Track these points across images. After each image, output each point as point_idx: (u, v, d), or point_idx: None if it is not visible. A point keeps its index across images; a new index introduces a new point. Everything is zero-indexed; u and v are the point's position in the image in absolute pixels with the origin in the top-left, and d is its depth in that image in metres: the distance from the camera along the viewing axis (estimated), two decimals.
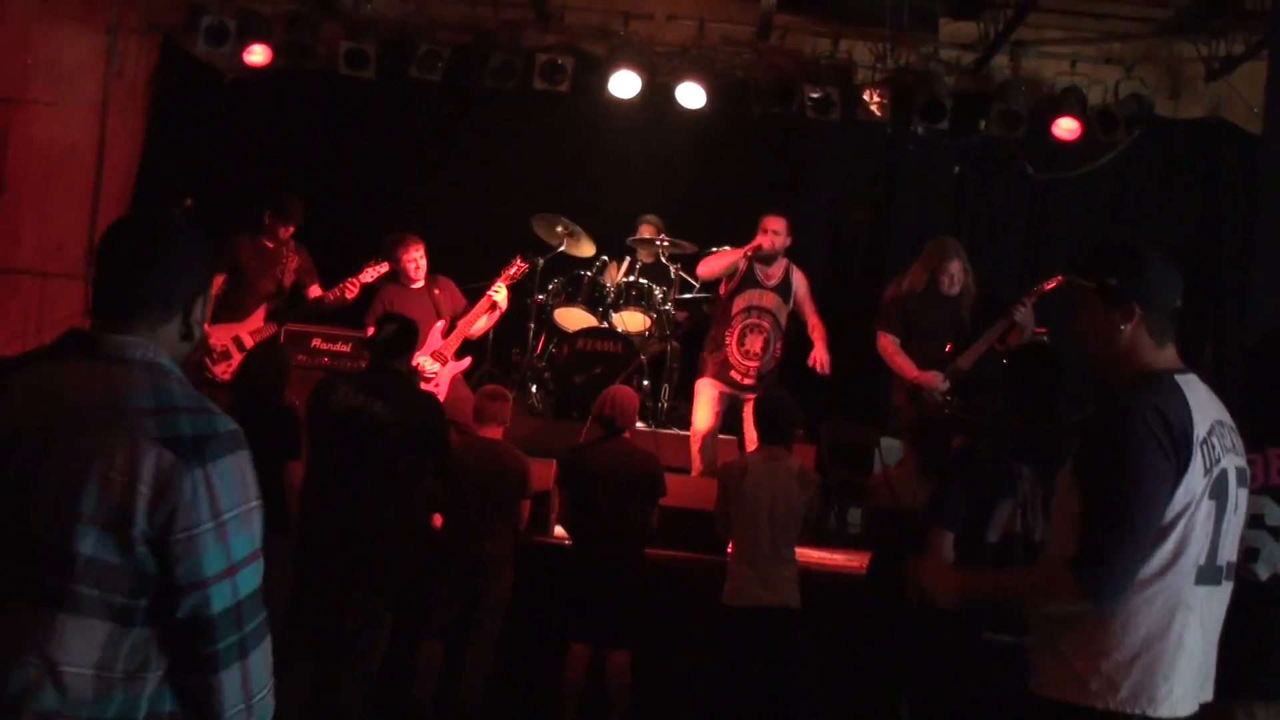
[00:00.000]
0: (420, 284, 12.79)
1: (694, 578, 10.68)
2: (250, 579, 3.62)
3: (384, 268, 12.92)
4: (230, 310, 12.95)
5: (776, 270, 12.58)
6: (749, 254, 12.41)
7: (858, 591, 9.80)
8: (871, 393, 13.76)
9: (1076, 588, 4.48)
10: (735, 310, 12.48)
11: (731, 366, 12.41)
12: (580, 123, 15.06)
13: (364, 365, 10.39)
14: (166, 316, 3.70)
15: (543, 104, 14.89)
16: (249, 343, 12.69)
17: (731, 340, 12.43)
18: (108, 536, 3.43)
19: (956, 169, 15.31)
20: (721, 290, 12.78)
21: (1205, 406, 4.64)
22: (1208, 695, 4.74)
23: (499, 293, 12.91)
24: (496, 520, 10.13)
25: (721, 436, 12.75)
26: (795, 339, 12.92)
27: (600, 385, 11.67)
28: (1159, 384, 4.61)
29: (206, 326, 12.74)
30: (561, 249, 14.07)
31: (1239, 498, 4.70)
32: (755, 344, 12.40)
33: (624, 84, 14.42)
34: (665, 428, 13.48)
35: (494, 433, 10.41)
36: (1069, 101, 14.25)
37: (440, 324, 12.78)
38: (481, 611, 10.07)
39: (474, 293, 13.19)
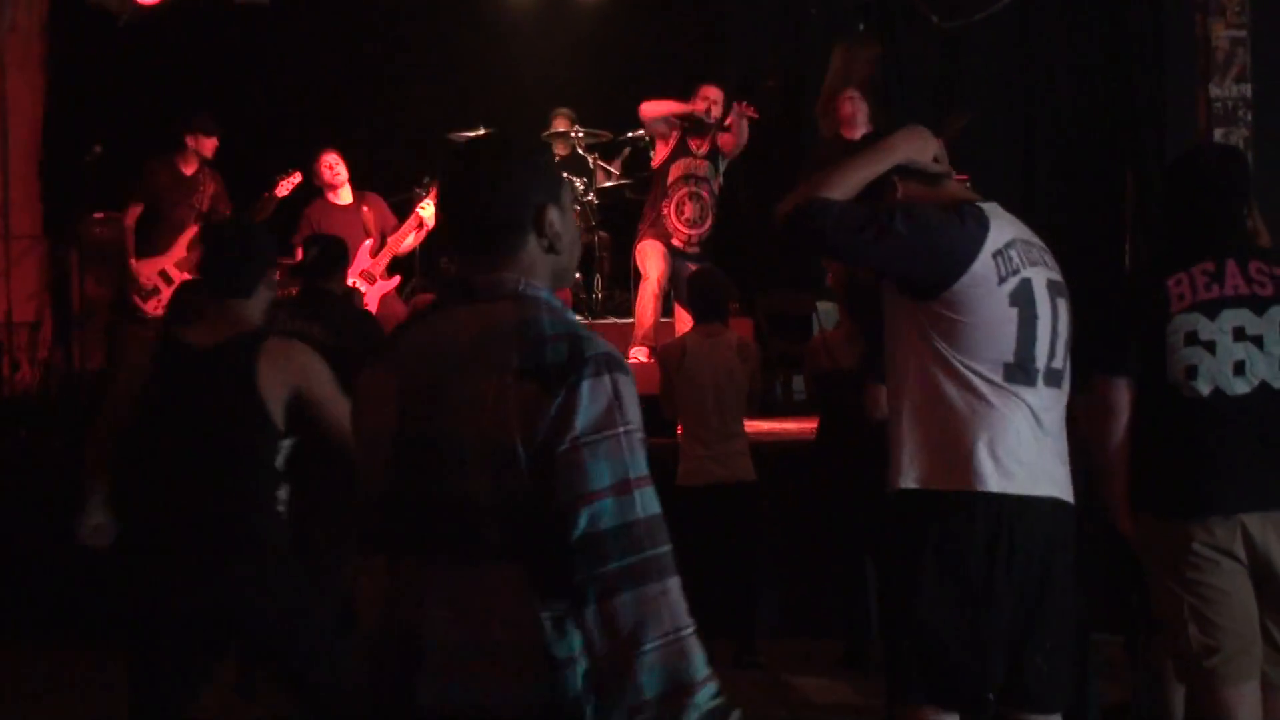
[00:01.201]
0: (347, 200, 12.78)
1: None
2: (644, 502, 3.33)
3: (296, 177, 12.92)
4: (151, 243, 12.93)
5: (705, 140, 12.60)
6: (687, 115, 12.45)
7: (810, 457, 9.86)
8: (803, 260, 13.77)
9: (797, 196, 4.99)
10: (670, 180, 12.51)
11: (671, 234, 12.43)
12: (484, 21, 15.02)
13: (294, 291, 10.32)
14: (522, 237, 3.60)
15: (443, 6, 14.83)
16: (175, 275, 12.65)
17: (669, 210, 12.44)
18: (501, 480, 3.32)
19: (860, 26, 15.27)
20: (654, 162, 12.80)
21: (1005, 226, 5.04)
22: (1052, 489, 5.02)
23: (426, 209, 12.90)
24: None
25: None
26: (726, 213, 12.97)
27: None
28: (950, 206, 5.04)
29: (132, 260, 12.72)
30: None
31: (1058, 306, 5.04)
32: (693, 211, 12.44)
33: None
34: (602, 318, 13.50)
35: None
36: None
37: (369, 242, 12.76)
38: None
39: (401, 208, 13.18)
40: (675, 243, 12.45)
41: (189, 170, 13.06)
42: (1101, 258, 12.65)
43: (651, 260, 12.49)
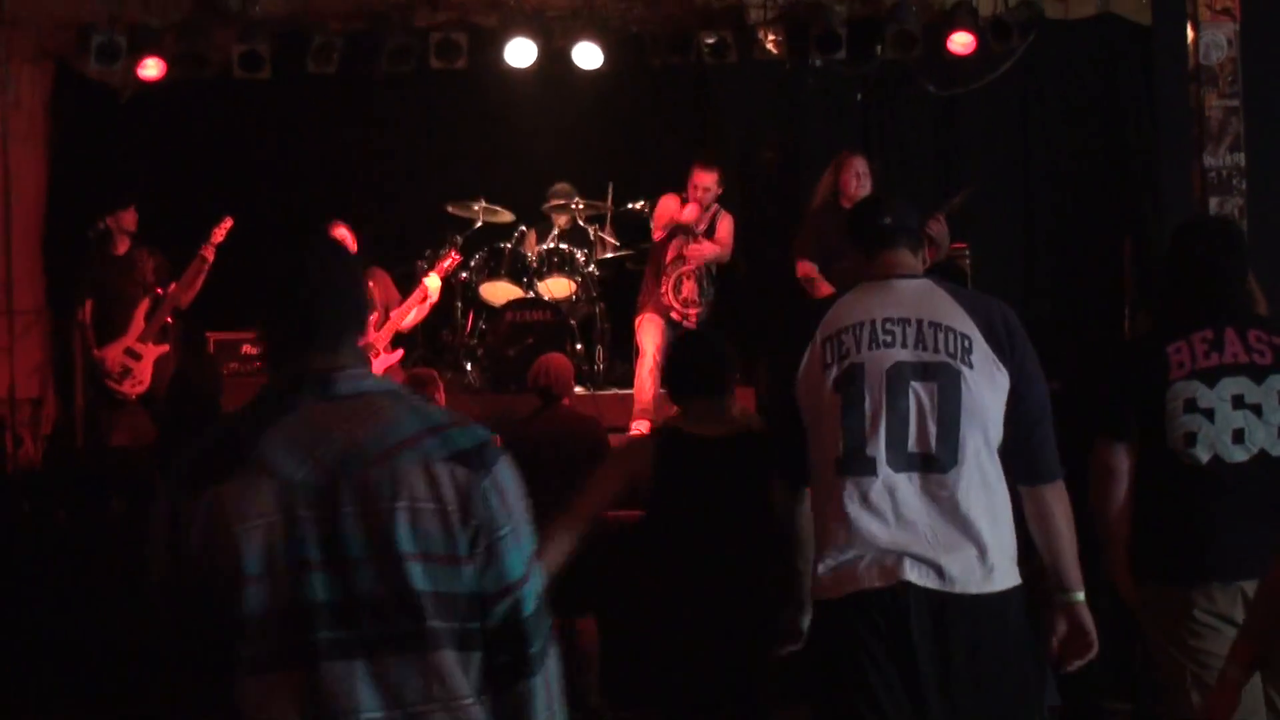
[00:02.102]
0: None
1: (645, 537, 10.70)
2: (541, 578, 3.56)
3: (227, 224, 12.99)
4: (110, 329, 12.95)
5: (705, 219, 12.70)
6: (690, 224, 12.63)
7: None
8: (805, 328, 13.79)
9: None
10: (668, 259, 12.63)
11: (670, 308, 12.52)
12: (482, 97, 15.06)
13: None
14: (361, 333, 3.64)
15: (442, 82, 14.89)
16: (140, 350, 12.76)
17: (667, 288, 12.54)
18: (435, 565, 3.38)
19: (859, 96, 15.35)
20: (655, 236, 12.89)
21: (861, 307, 5.22)
22: (942, 584, 4.95)
23: (432, 282, 13.00)
24: None
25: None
26: (726, 287, 13.05)
27: (534, 355, 11.69)
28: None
29: (95, 352, 12.77)
30: (479, 225, 14.07)
31: (916, 390, 5.04)
32: (690, 290, 12.53)
33: (520, 53, 14.37)
34: (603, 389, 13.52)
35: None
36: (961, 15, 14.29)
37: (373, 316, 12.82)
38: None
39: (403, 280, 13.26)
40: (674, 316, 12.54)
41: (121, 250, 13.12)
42: (1101, 325, 12.69)
43: (649, 335, 12.59)
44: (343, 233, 12.75)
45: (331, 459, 3.40)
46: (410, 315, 13.08)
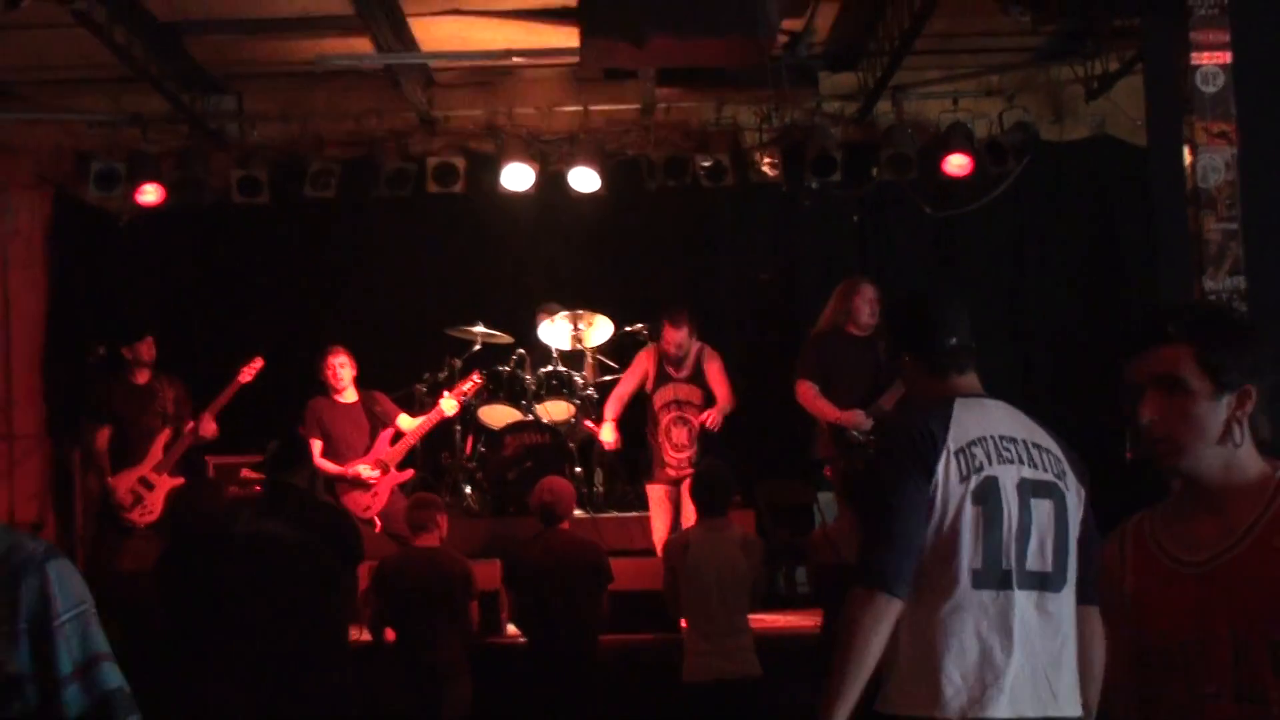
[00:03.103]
0: (350, 396, 12.86)
1: (651, 658, 10.70)
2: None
3: (258, 364, 13.00)
4: (125, 458, 12.90)
5: (688, 363, 12.74)
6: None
7: (816, 651, 9.83)
8: (803, 449, 13.80)
9: (860, 593, 4.82)
10: (657, 407, 12.69)
11: (666, 464, 12.56)
12: (479, 220, 15.14)
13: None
14: None
15: (440, 207, 14.95)
16: (154, 479, 12.71)
17: (662, 439, 12.61)
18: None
19: (855, 218, 15.43)
20: (647, 387, 12.94)
21: (982, 422, 5.04)
22: (1052, 708, 4.90)
23: (449, 405, 13.04)
24: (446, 627, 10.09)
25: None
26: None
27: (533, 478, 11.68)
28: (928, 405, 5.15)
29: (109, 479, 12.75)
30: (478, 348, 14.08)
31: (1033, 507, 4.96)
32: (682, 436, 12.59)
33: (517, 177, 14.50)
34: (603, 512, 13.48)
35: (430, 540, 10.32)
36: (956, 138, 14.40)
37: (389, 431, 12.86)
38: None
39: (402, 403, 13.30)
40: (670, 473, 12.60)
41: (142, 380, 13.08)
42: (1102, 451, 12.68)
43: (656, 518, 12.57)
44: (342, 359, 12.77)
45: None
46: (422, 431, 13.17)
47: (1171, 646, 3.69)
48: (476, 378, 13.34)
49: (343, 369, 12.78)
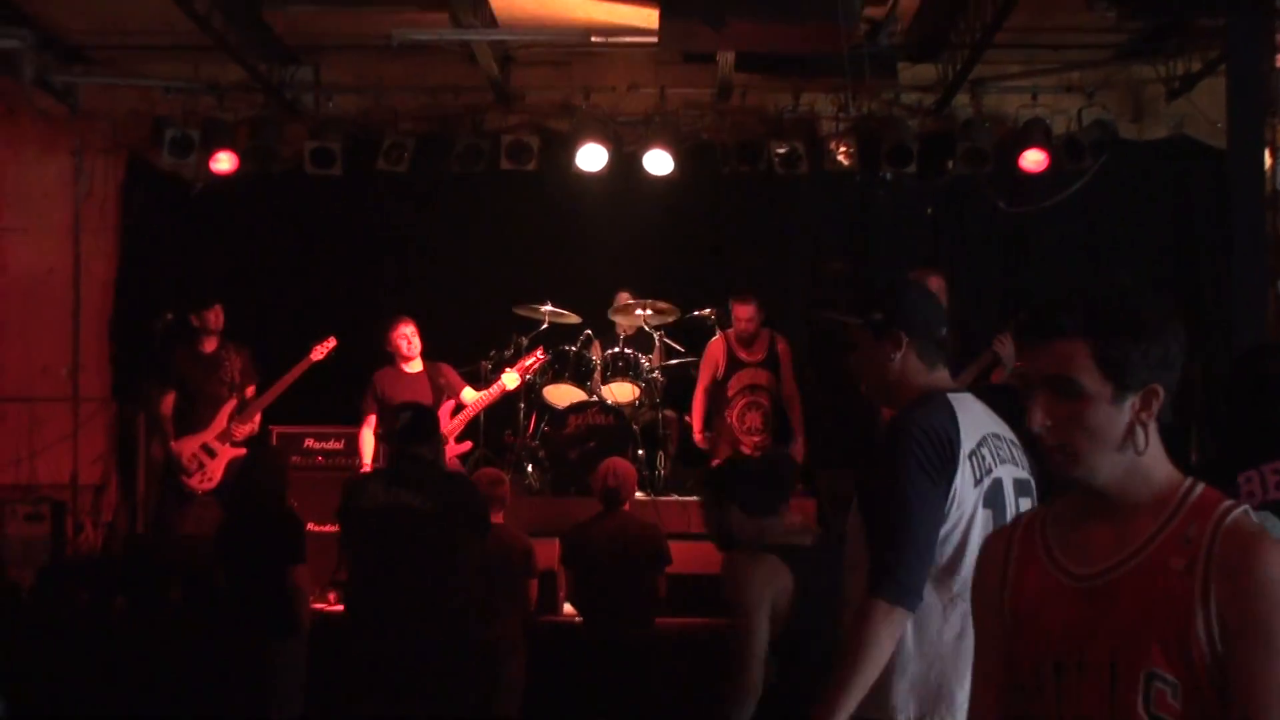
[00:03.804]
0: (416, 367, 12.88)
1: (708, 644, 10.66)
2: None
3: (330, 343, 13.04)
4: (190, 422, 12.99)
5: (760, 347, 12.73)
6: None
7: None
8: (867, 437, 13.75)
9: (884, 607, 4.65)
10: (731, 393, 12.74)
11: (740, 441, 12.55)
12: (551, 199, 15.09)
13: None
14: None
15: (512, 184, 14.92)
16: (218, 448, 12.82)
17: (733, 418, 12.64)
18: None
19: (929, 210, 15.34)
20: (700, 382, 12.99)
21: (977, 421, 4.92)
22: None
23: (511, 379, 13.05)
24: (504, 603, 10.09)
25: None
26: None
27: (595, 459, 11.66)
28: (928, 402, 4.91)
29: (173, 445, 12.83)
30: (545, 327, 14.06)
31: (1020, 507, 4.85)
32: (755, 420, 12.65)
33: (591, 158, 14.45)
34: (664, 495, 13.45)
35: (494, 517, 10.32)
36: (1034, 133, 14.30)
37: (450, 403, 12.88)
38: (499, 696, 10.03)
39: (468, 377, 13.32)
40: (742, 449, 12.59)
41: (209, 348, 13.17)
42: (1168, 451, 12.60)
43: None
44: (410, 330, 12.80)
45: None
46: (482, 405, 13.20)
47: (1045, 666, 3.33)
48: (540, 354, 13.32)
49: (413, 338, 12.82)
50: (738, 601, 6.39)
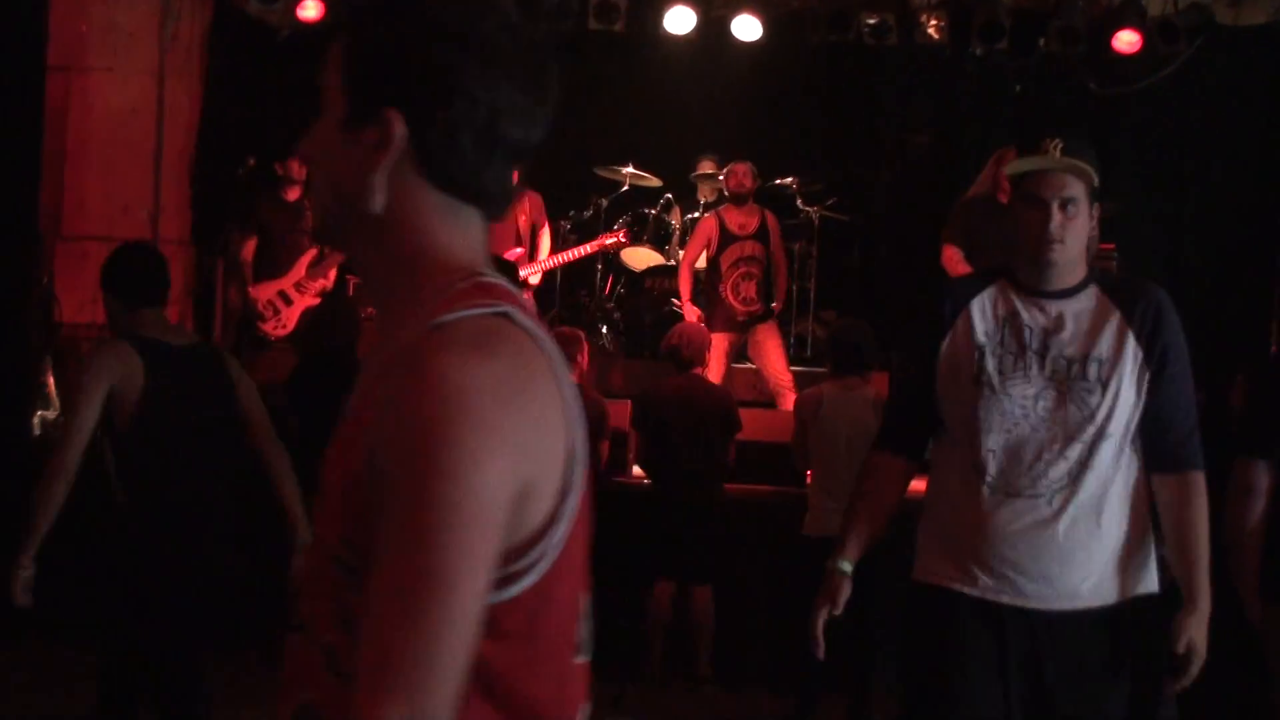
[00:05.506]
0: None
1: (773, 510, 10.70)
2: None
3: (622, 235, 13.19)
4: (269, 269, 13.06)
5: (751, 220, 12.70)
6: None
7: None
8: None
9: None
10: (724, 267, 12.70)
11: (732, 309, 12.55)
12: (638, 61, 15.03)
13: None
14: None
15: (599, 44, 14.83)
16: (294, 295, 12.86)
17: (726, 291, 12.57)
18: None
19: (1018, 88, 15.18)
20: (710, 252, 12.96)
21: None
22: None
23: (588, 253, 13.10)
24: None
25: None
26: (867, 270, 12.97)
27: (670, 323, 11.68)
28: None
29: (250, 288, 12.88)
30: (625, 189, 14.02)
31: None
32: (749, 290, 12.60)
33: (679, 20, 14.31)
34: (736, 362, 13.45)
35: (570, 376, 10.31)
36: (1128, 14, 14.09)
37: (520, 250, 12.77)
38: None
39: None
40: (736, 317, 12.76)
41: (292, 197, 13.20)
42: (1247, 338, 12.51)
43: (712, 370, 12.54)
44: None
45: None
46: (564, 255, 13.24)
47: None
48: (623, 236, 13.28)
49: None
50: None
